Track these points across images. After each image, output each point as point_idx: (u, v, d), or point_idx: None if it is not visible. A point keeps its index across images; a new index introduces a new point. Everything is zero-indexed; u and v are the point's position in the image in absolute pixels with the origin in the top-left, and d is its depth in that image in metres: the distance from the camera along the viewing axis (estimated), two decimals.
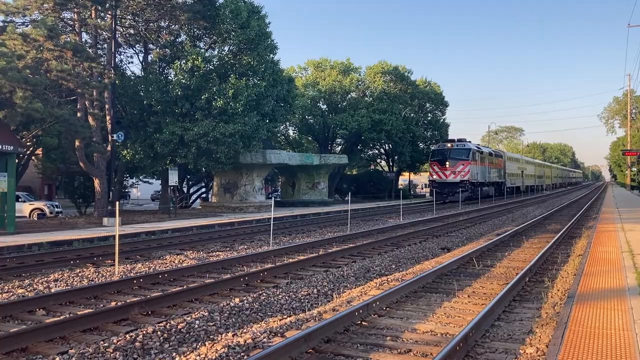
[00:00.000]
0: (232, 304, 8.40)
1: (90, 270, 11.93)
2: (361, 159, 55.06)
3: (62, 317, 7.76)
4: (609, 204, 35.40)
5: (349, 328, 6.98)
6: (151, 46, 30.32)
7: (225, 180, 33.95)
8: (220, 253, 14.83)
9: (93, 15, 24.80)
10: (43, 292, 9.64)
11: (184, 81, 26.46)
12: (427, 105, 55.39)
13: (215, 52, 30.48)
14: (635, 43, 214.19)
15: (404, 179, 70.47)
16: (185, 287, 9.84)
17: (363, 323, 7.26)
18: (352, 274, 11.32)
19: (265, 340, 6.46)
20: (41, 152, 35.11)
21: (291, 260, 12.84)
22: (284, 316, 8.00)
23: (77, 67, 22.77)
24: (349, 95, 49.06)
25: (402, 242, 17.00)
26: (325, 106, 48.36)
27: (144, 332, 6.85)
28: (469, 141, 47.04)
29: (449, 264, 11.44)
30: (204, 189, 45.88)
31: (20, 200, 27.52)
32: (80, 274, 11.46)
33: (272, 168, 37.89)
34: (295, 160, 36.14)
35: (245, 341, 6.36)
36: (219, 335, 6.97)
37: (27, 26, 24.21)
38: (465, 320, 7.28)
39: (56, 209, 29.93)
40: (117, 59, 27.46)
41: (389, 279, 10.31)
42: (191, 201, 42.60)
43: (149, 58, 30.20)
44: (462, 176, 42.13)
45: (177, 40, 30.41)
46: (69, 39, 23.46)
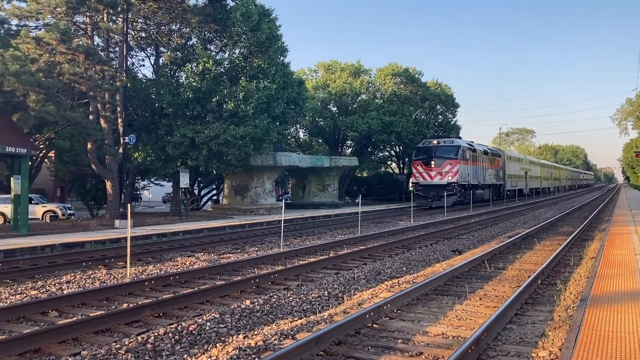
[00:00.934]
0: (243, 306, 8.41)
1: (102, 272, 12.01)
2: (371, 161, 54.99)
3: (74, 319, 7.81)
4: (622, 206, 35.08)
5: (360, 330, 6.96)
6: (162, 49, 30.49)
7: (236, 183, 34.04)
8: (231, 255, 14.87)
9: (105, 19, 24.99)
10: (56, 294, 9.70)
11: (195, 84, 26.58)
12: (438, 107, 55.16)
13: (226, 55, 30.59)
14: None
15: None
16: (196, 289, 9.87)
17: (374, 325, 7.24)
18: (363, 276, 11.30)
19: (276, 342, 6.46)
20: (54, 155, 35.40)
21: (302, 263, 12.84)
22: (295, 318, 8.00)
23: (90, 70, 22.94)
24: (359, 97, 49.00)
25: (413, 245, 16.94)
26: (335, 108, 48.35)
27: (155, 333, 6.88)
28: (459, 138, 44.56)
29: (460, 266, 11.38)
30: (214, 191, 46.08)
31: (33, 202, 27.76)
32: (92, 276, 11.54)
33: (282, 170, 37.92)
34: (306, 163, 36.15)
35: (256, 343, 6.36)
36: (230, 337, 6.98)
37: (40, 30, 24.44)
38: (477, 323, 7.23)
39: (68, 211, 30.15)
40: (128, 62, 27.66)
41: (400, 282, 10.28)
42: (202, 203, 42.81)
43: (160, 61, 30.37)
44: (450, 177, 36.67)
45: (188, 43, 30.56)
46: (81, 43, 23.66)
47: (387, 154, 56.27)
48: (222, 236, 19.69)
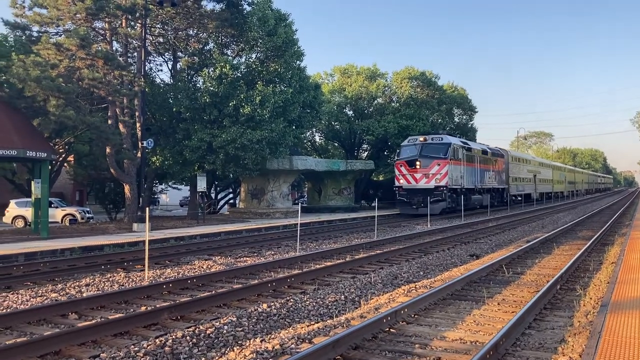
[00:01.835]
0: (260, 310, 8.44)
1: (120, 275, 12.12)
2: (388, 165, 54.79)
3: (93, 322, 7.89)
4: None
5: (377, 335, 6.94)
6: (180, 54, 30.74)
7: (253, 187, 34.17)
8: (247, 259, 14.92)
9: (124, 25, 25.28)
10: (75, 297, 9.82)
11: (212, 88, 26.75)
12: (455, 110, 54.88)
13: (243, 60, 30.77)
14: None
15: None
16: (213, 292, 9.91)
17: (391, 330, 7.22)
18: (380, 281, 11.27)
19: (293, 346, 6.46)
20: (73, 159, 35.87)
21: (318, 267, 12.85)
22: (312, 322, 8.00)
23: (108, 75, 23.22)
24: (376, 101, 48.93)
25: (429, 249, 16.86)
26: (351, 112, 48.33)
27: (173, 336, 6.92)
28: (456, 134, 40.46)
29: (478, 271, 11.30)
30: (231, 195, 46.28)
31: (52, 206, 28.11)
32: (111, 279, 11.65)
33: (298, 174, 37.99)
34: (322, 166, 36.18)
35: (274, 347, 6.37)
36: (247, 341, 7.00)
37: (60, 36, 24.79)
38: (495, 328, 7.18)
39: (87, 215, 30.50)
40: (146, 67, 27.93)
41: (417, 286, 10.23)
42: (219, 207, 43.02)
43: (178, 66, 30.62)
44: (438, 180, 31.74)
45: (205, 48, 30.78)
46: (100, 48, 23.94)
47: None
48: (238, 240, 19.78)
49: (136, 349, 6.50)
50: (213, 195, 42.04)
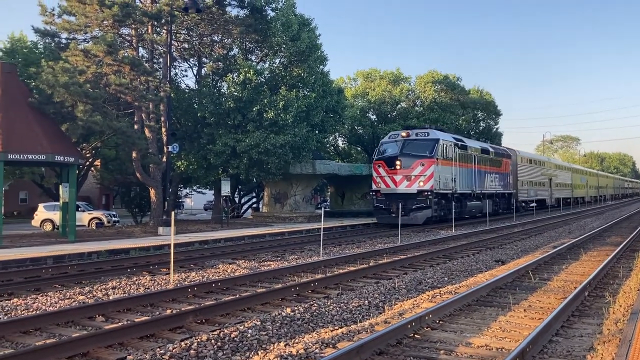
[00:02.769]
0: (283, 314, 8.45)
1: (146, 278, 12.26)
2: None
3: (120, 324, 7.99)
4: None
5: (401, 341, 6.90)
6: (205, 60, 31.08)
7: (276, 191, 34.30)
8: (271, 263, 14.96)
9: (150, 31, 25.65)
10: (102, 299, 9.96)
11: (236, 93, 26.97)
12: (479, 114, 54.43)
13: (267, 65, 30.97)
14: None
15: None
16: (237, 296, 9.97)
17: (416, 336, 7.16)
18: (404, 286, 11.20)
19: (317, 351, 6.45)
20: (100, 163, 36.49)
21: (341, 271, 12.82)
22: (335, 327, 7.99)
23: (135, 81, 23.56)
24: (399, 106, 48.75)
25: (454, 254, 16.71)
26: (374, 116, 48.23)
27: (198, 340, 6.97)
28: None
29: (503, 276, 11.16)
30: (254, 199, 46.52)
31: (80, 209, 28.63)
32: (137, 282, 11.78)
33: (321, 178, 38.00)
34: (345, 171, 36.14)
35: (298, 351, 6.37)
36: (271, 345, 7.01)
37: (88, 42, 25.26)
38: (522, 335, 7.07)
39: (113, 218, 30.97)
40: (172, 73, 28.30)
41: (441, 292, 10.14)
42: (242, 211, 43.29)
43: (203, 71, 30.95)
44: (422, 183, 26.55)
45: (229, 53, 31.07)
46: (126, 54, 24.33)
47: None
48: (262, 244, 19.86)
49: (162, 351, 6.56)
50: (237, 200, 42.33)
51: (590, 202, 65.81)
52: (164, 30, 26.04)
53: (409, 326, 7.19)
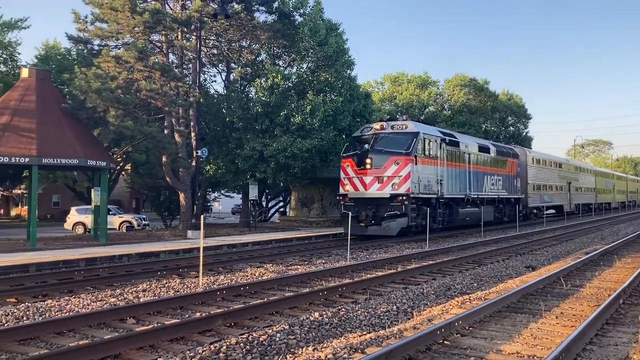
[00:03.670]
0: (311, 318, 8.45)
1: (175, 281, 12.39)
2: None
3: (150, 326, 8.09)
4: None
5: (430, 347, 6.83)
6: (233, 65, 31.39)
7: (303, 195, 34.40)
8: (298, 267, 14.98)
9: (179, 37, 26.03)
10: (133, 302, 10.08)
11: (264, 98, 27.16)
12: (509, 118, 53.78)
13: (294, 70, 31.11)
14: None
15: None
16: (266, 299, 10.00)
17: (445, 342, 7.09)
18: (432, 292, 11.10)
19: (345, 356, 6.43)
20: (130, 168, 37.14)
21: (369, 276, 12.76)
22: (364, 332, 7.95)
23: (165, 86, 23.92)
24: (427, 109, 48.51)
25: (483, 260, 16.50)
26: None
27: (227, 343, 7.02)
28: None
29: (534, 283, 10.98)
30: (282, 203, 46.74)
31: (111, 213, 29.10)
32: (166, 285, 11.92)
33: None
34: None
35: (326, 356, 6.36)
36: (300, 349, 7.02)
37: (119, 49, 25.76)
38: (554, 343, 6.94)
39: (143, 222, 31.43)
40: (201, 78, 28.62)
41: (471, 298, 10.03)
42: (270, 215, 43.51)
43: (231, 77, 31.27)
44: (396, 186, 21.73)
45: (257, 59, 31.31)
46: (157, 60, 24.75)
47: None
48: (289, 248, 19.91)
49: (191, 354, 6.63)
50: (264, 204, 42.58)
51: (617, 209, 60.39)
52: (193, 37, 26.40)
53: (438, 332, 7.12)
